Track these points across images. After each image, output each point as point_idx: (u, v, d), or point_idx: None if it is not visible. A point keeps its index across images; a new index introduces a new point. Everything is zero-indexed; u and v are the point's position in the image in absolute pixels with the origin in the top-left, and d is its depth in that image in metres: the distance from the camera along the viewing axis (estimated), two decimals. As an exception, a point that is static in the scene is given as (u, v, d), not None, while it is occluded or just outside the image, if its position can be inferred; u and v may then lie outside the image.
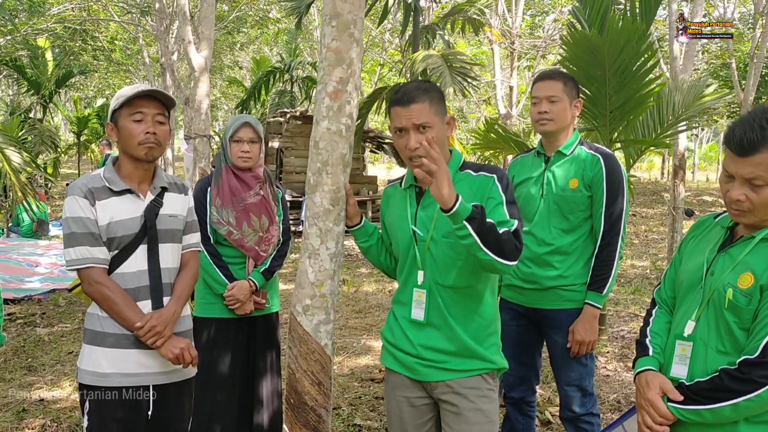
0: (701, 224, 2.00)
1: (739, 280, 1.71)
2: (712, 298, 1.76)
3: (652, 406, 1.79)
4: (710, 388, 1.70)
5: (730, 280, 1.73)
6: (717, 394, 1.68)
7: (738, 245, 1.78)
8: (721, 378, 1.68)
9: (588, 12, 5.20)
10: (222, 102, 28.71)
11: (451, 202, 1.83)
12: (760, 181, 1.63)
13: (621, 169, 2.75)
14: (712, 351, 1.75)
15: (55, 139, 16.37)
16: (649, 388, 1.81)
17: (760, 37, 12.56)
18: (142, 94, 2.20)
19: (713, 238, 1.88)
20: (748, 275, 1.70)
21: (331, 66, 2.20)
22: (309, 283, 2.26)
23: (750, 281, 1.69)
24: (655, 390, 1.79)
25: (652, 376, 1.83)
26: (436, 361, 2.11)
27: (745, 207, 1.68)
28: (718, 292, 1.75)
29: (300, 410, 2.27)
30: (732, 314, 1.72)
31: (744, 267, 1.72)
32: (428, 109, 2.05)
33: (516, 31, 14.00)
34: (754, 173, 1.63)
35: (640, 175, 27.36)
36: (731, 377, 1.66)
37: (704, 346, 1.77)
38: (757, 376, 1.62)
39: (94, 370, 2.17)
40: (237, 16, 16.51)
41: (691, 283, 1.87)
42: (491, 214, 1.99)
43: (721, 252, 1.81)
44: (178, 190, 2.39)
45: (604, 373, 4.70)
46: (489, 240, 1.88)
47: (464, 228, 1.86)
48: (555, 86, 2.75)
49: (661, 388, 1.79)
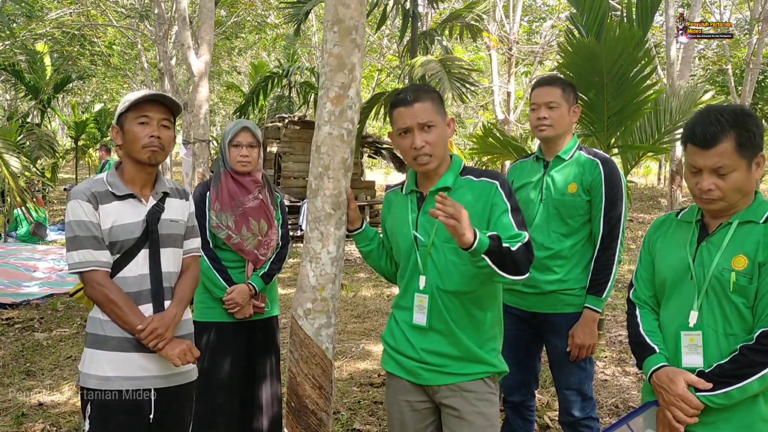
0: (663, 223, 2.09)
1: (733, 264, 1.81)
2: (710, 286, 1.85)
3: (683, 400, 1.83)
4: (735, 367, 1.77)
5: (724, 266, 1.83)
6: (742, 371, 1.76)
7: (717, 234, 1.89)
8: (743, 354, 1.77)
9: (585, 19, 5.23)
10: (219, 107, 28.72)
11: (471, 240, 1.85)
12: (726, 169, 1.78)
13: (620, 174, 2.77)
14: (722, 335, 1.84)
15: (53, 144, 16.39)
16: (674, 383, 1.85)
17: (756, 43, 12.64)
18: (148, 99, 2.22)
19: (685, 234, 1.97)
20: (741, 257, 1.81)
21: (333, 71, 2.22)
22: (310, 287, 2.27)
23: (745, 262, 1.80)
24: (682, 384, 1.84)
25: (673, 373, 1.87)
26: (438, 366, 2.12)
27: (715, 195, 1.81)
28: (717, 279, 1.84)
29: (301, 414, 2.28)
30: (739, 296, 1.81)
31: (733, 251, 1.83)
32: (431, 108, 2.08)
33: (513, 37, 14.06)
34: (720, 162, 1.78)
35: (638, 180, 27.41)
36: (753, 350, 1.75)
37: (714, 332, 1.85)
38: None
39: (97, 374, 2.18)
40: (235, 21, 16.55)
41: (677, 277, 1.94)
42: (498, 223, 2.04)
43: (702, 243, 1.90)
44: (179, 196, 2.40)
45: (602, 377, 4.71)
46: (506, 265, 1.94)
47: (483, 260, 1.90)
48: (554, 92, 2.77)
49: (686, 381, 1.84)
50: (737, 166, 1.79)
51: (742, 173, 1.80)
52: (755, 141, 1.79)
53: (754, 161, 1.81)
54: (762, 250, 1.79)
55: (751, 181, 1.83)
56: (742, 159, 1.78)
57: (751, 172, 1.82)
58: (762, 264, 1.78)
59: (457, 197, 2.11)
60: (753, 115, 1.85)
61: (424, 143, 2.07)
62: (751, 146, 1.79)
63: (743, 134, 1.77)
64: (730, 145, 1.77)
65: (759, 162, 1.83)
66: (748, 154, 1.79)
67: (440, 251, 2.12)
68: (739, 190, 1.82)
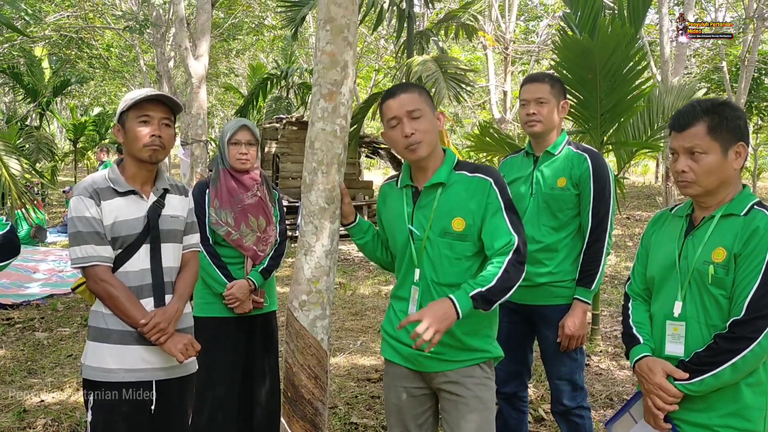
0: (659, 218, 2.19)
1: (713, 256, 1.89)
2: (692, 278, 1.93)
3: (661, 389, 1.91)
4: (709, 355, 1.85)
5: (705, 258, 1.90)
6: (716, 359, 1.83)
7: (701, 227, 1.97)
8: (717, 342, 1.84)
9: (578, 17, 5.30)
10: (218, 109, 28.75)
11: (453, 313, 1.99)
12: (699, 149, 1.89)
13: (608, 168, 2.83)
14: (704, 326, 1.91)
15: (52, 146, 16.44)
16: (653, 372, 1.94)
17: (751, 41, 12.70)
18: (150, 98, 2.27)
19: (675, 228, 2.06)
20: (720, 250, 1.88)
21: (326, 68, 2.28)
22: (305, 280, 2.33)
23: (723, 254, 1.87)
24: (660, 374, 1.93)
25: (653, 362, 1.96)
26: (435, 353, 2.17)
27: (689, 178, 1.92)
28: (697, 272, 1.91)
29: (297, 403, 2.34)
30: (718, 288, 1.88)
31: (714, 243, 1.90)
32: (418, 98, 2.17)
33: (510, 36, 14.13)
34: (692, 142, 1.89)
35: (635, 179, 27.46)
36: (725, 338, 1.83)
37: (696, 323, 1.92)
38: (747, 332, 1.79)
39: (99, 366, 2.23)
40: (233, 23, 16.60)
41: (667, 270, 2.02)
42: (491, 225, 2.11)
43: (688, 237, 1.99)
44: (179, 192, 2.46)
45: (597, 371, 4.78)
46: (499, 294, 2.06)
47: (480, 311, 2.07)
48: (542, 88, 2.83)
49: (663, 370, 1.92)
50: (710, 149, 1.88)
51: (715, 157, 1.88)
52: (729, 126, 1.88)
53: (731, 149, 1.89)
54: (738, 241, 1.85)
55: (727, 169, 1.90)
56: (714, 141, 1.88)
57: (728, 159, 1.89)
58: (737, 255, 1.85)
59: (451, 192, 2.18)
60: (731, 105, 1.94)
61: (414, 130, 2.14)
62: (724, 131, 1.88)
63: (715, 118, 1.88)
64: (702, 128, 1.89)
65: (739, 151, 1.90)
66: (720, 138, 1.88)
67: (435, 245, 2.18)
68: (713, 173, 1.89)
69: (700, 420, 1.90)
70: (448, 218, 2.15)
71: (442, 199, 2.18)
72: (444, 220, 2.16)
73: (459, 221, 2.14)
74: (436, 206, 2.18)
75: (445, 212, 2.16)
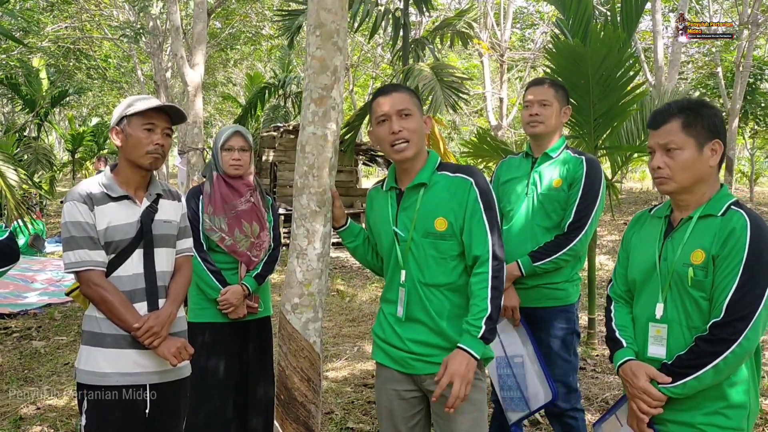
0: (638, 220, 2.20)
1: (692, 258, 1.89)
2: (672, 280, 1.93)
3: (645, 393, 1.92)
4: (691, 358, 1.86)
5: (684, 260, 1.91)
6: (697, 361, 1.84)
7: (680, 229, 1.98)
8: (698, 345, 1.85)
9: (571, 22, 5.34)
10: (216, 119, 28.81)
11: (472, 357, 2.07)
12: (674, 145, 1.91)
13: (602, 173, 2.86)
14: (685, 328, 1.92)
15: (51, 157, 16.43)
16: (636, 377, 1.95)
17: (746, 46, 12.76)
18: (156, 108, 2.30)
19: (654, 230, 2.07)
20: (699, 252, 1.89)
21: (316, 73, 2.31)
22: (297, 283, 2.35)
23: (702, 256, 1.88)
24: (643, 378, 1.93)
25: (636, 366, 1.97)
26: (425, 355, 2.19)
27: (665, 174, 1.94)
28: (677, 274, 1.92)
29: (290, 406, 2.35)
30: (697, 290, 1.89)
31: (692, 245, 1.91)
32: (409, 99, 2.20)
33: (505, 43, 14.20)
34: (667, 138, 1.92)
35: (633, 185, 27.54)
36: (705, 341, 1.83)
37: (678, 325, 1.93)
38: (727, 334, 1.80)
39: (93, 370, 2.24)
40: (230, 33, 16.68)
41: (647, 272, 2.03)
42: (472, 230, 2.14)
43: (667, 239, 2.00)
44: (172, 197, 2.48)
45: (592, 375, 4.79)
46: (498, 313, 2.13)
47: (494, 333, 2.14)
48: (547, 92, 2.90)
49: (647, 374, 1.93)
50: (684, 145, 1.91)
51: (690, 153, 1.90)
52: (704, 123, 1.90)
53: (707, 145, 1.91)
54: (716, 243, 1.86)
55: (703, 165, 1.92)
56: (689, 138, 1.90)
57: (704, 156, 1.91)
58: (716, 256, 1.86)
59: (433, 193, 2.20)
60: (707, 104, 1.96)
61: (402, 128, 2.16)
62: (699, 127, 1.90)
63: (690, 115, 1.91)
64: (677, 124, 1.92)
65: (715, 149, 1.92)
66: (695, 134, 1.90)
67: (419, 246, 2.20)
68: (688, 169, 1.91)
69: (685, 419, 1.91)
70: (430, 218, 2.17)
71: (424, 199, 2.20)
72: (427, 221, 2.18)
73: (441, 221, 2.16)
74: (419, 207, 2.19)
75: (427, 212, 2.18)
